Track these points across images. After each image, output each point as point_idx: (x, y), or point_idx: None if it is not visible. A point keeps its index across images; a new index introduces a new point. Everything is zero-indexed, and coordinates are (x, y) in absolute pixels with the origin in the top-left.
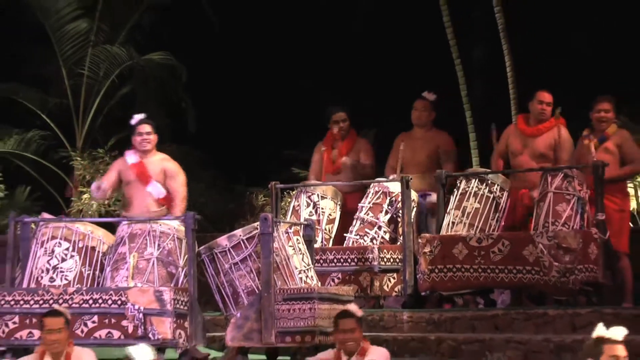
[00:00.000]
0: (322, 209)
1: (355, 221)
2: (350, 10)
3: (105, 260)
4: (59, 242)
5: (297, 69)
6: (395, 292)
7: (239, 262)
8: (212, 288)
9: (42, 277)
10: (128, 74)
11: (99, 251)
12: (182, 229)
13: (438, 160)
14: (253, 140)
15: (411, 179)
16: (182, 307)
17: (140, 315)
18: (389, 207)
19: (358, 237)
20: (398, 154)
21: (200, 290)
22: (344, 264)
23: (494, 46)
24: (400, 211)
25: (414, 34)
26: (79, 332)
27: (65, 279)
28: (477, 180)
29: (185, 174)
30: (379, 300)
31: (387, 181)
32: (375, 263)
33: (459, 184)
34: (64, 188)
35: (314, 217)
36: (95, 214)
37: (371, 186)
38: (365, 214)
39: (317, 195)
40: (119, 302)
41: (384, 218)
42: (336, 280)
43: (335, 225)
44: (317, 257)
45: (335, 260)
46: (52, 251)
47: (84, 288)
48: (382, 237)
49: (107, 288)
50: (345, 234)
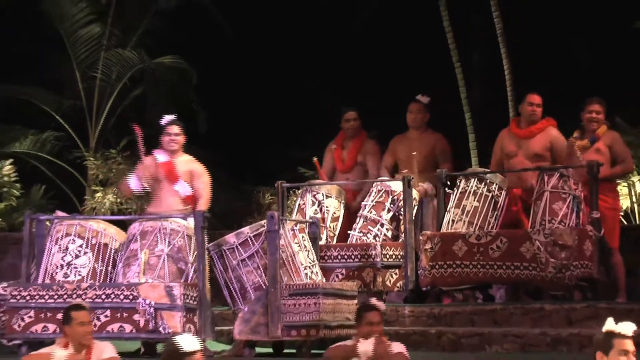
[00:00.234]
0: (326, 207)
1: (358, 219)
2: (355, 16)
3: (117, 256)
4: (73, 239)
5: (303, 73)
6: (397, 287)
7: (246, 259)
8: (221, 283)
9: (56, 273)
10: (139, 76)
11: (111, 248)
12: (192, 226)
13: (433, 160)
14: (260, 141)
15: (412, 178)
16: (191, 301)
17: (151, 309)
18: (391, 206)
19: (361, 234)
20: (393, 155)
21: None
22: (348, 260)
23: (492, 50)
24: (402, 209)
25: (416, 38)
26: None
27: (79, 275)
28: (476, 179)
29: None
30: (381, 295)
31: (389, 180)
32: (378, 259)
33: (458, 183)
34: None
35: (318, 215)
36: (108, 212)
37: (374, 185)
38: (368, 212)
39: (322, 194)
40: (131, 297)
41: (386, 216)
42: (340, 276)
43: (339, 223)
44: (322, 254)
45: (339, 257)
46: (66, 248)
47: (97, 283)
48: (385, 235)
49: (119, 284)
50: (349, 232)
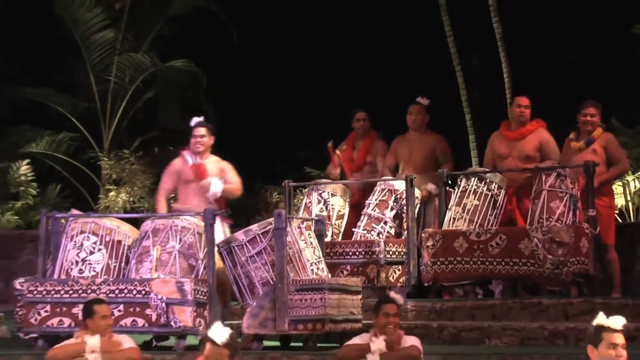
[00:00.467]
0: (332, 205)
1: (362, 217)
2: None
3: (130, 253)
4: (88, 236)
5: (309, 77)
6: (400, 283)
7: (254, 255)
8: (230, 279)
9: (71, 269)
10: (151, 80)
11: (124, 245)
12: (202, 224)
13: (434, 160)
14: (268, 142)
15: (415, 177)
16: (201, 297)
17: (163, 304)
18: (394, 204)
19: (365, 231)
20: (394, 155)
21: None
22: (353, 256)
23: (492, 54)
24: (404, 208)
25: (419, 43)
26: None
27: (93, 271)
28: (476, 178)
29: None
30: (385, 290)
31: (392, 180)
32: (382, 256)
33: (459, 182)
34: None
35: (324, 213)
36: (121, 210)
37: (377, 184)
38: (372, 210)
39: (328, 192)
40: (143, 292)
41: (389, 214)
42: (345, 272)
43: (344, 220)
44: (327, 251)
45: (344, 253)
46: (81, 245)
47: (111, 279)
48: (388, 232)
49: (132, 279)
50: (353, 229)
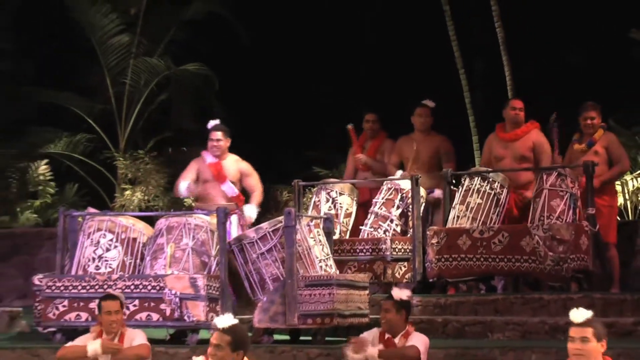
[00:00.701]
0: (340, 204)
1: (369, 215)
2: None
3: (145, 250)
4: (104, 234)
5: (318, 80)
6: (406, 279)
7: (265, 252)
8: (241, 275)
9: (88, 265)
10: (165, 82)
11: (139, 242)
12: (214, 222)
13: (438, 160)
14: (278, 143)
15: (420, 177)
16: (214, 292)
17: (177, 299)
18: (400, 203)
19: (372, 229)
20: (399, 155)
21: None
22: (360, 253)
23: (494, 57)
24: (410, 206)
25: (424, 47)
26: None
27: (110, 267)
28: (479, 178)
29: None
30: (391, 286)
31: (398, 179)
32: (388, 253)
33: (463, 182)
34: None
35: (332, 212)
36: (136, 208)
37: (384, 183)
38: (378, 209)
39: (336, 191)
40: (158, 288)
41: (395, 212)
42: (352, 269)
43: (352, 218)
44: (336, 248)
45: (351, 250)
46: (98, 242)
47: (126, 275)
48: (394, 230)
49: (147, 275)
50: (360, 227)
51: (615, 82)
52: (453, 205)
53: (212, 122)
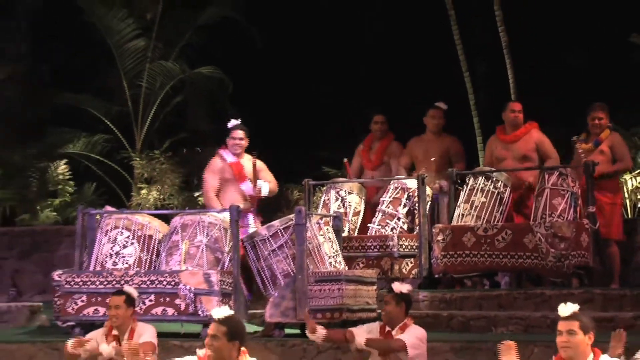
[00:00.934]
0: (349, 202)
1: (377, 213)
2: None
3: (160, 247)
4: (121, 231)
5: (328, 81)
6: (413, 274)
7: (276, 249)
8: (253, 271)
9: (106, 262)
10: (180, 85)
11: (155, 239)
12: (227, 219)
13: (448, 160)
14: (289, 143)
15: (426, 176)
16: (227, 287)
17: (191, 294)
18: (407, 201)
19: (380, 227)
20: (410, 156)
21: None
22: (368, 250)
23: (498, 60)
24: (416, 204)
25: (430, 50)
26: (137, 309)
27: (126, 263)
28: (483, 177)
29: None
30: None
31: (405, 179)
32: (395, 249)
33: (467, 181)
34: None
35: (341, 210)
36: (152, 207)
37: (391, 183)
38: (386, 207)
39: (345, 190)
40: (173, 284)
41: (402, 210)
42: (361, 265)
43: (360, 216)
44: (344, 245)
45: (360, 247)
46: (115, 239)
47: (142, 271)
48: (401, 227)
49: (162, 271)
50: (369, 225)
51: (615, 84)
52: (458, 204)
53: (233, 121)
